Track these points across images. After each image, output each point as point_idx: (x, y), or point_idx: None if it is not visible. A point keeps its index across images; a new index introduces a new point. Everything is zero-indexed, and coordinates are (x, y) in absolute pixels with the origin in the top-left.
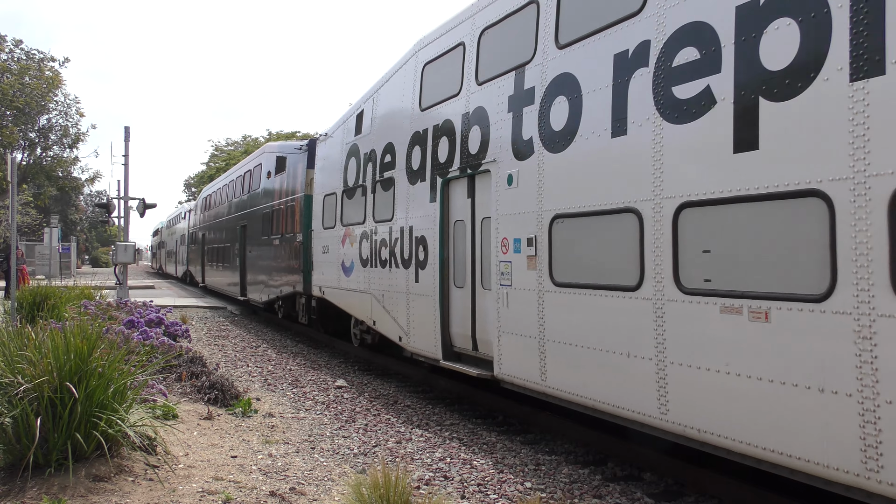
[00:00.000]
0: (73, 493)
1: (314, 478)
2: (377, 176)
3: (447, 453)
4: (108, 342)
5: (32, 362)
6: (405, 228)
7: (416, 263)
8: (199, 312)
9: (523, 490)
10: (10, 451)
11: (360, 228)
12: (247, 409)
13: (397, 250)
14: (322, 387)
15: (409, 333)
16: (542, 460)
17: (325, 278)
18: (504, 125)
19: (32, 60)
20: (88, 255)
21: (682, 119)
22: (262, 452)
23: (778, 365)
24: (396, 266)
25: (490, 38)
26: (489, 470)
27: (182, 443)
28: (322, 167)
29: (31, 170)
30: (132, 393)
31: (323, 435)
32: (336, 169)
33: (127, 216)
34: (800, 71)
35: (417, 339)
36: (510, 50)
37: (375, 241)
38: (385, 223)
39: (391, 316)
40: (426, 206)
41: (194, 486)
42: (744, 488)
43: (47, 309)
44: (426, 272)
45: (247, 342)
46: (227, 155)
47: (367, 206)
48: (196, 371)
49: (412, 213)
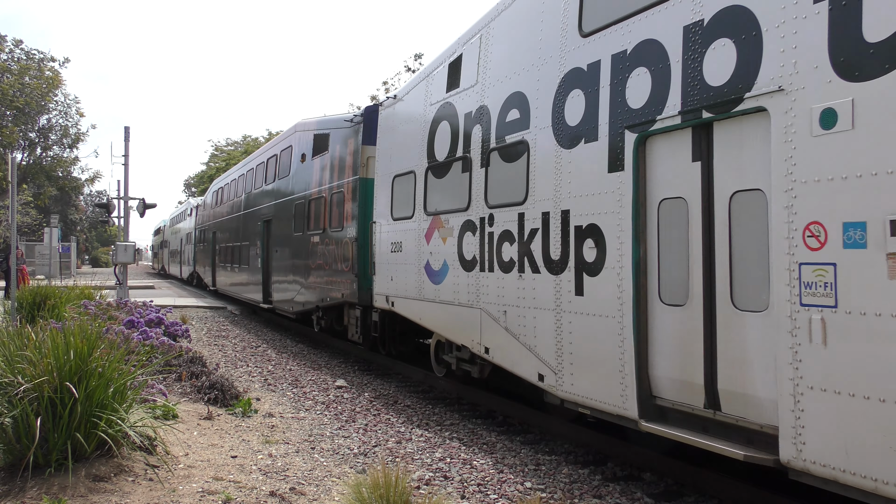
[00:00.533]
0: (74, 493)
1: (314, 478)
2: (492, 142)
3: (447, 453)
4: (108, 342)
5: (32, 362)
6: (553, 214)
7: (576, 266)
8: (199, 312)
9: (523, 490)
10: (10, 451)
11: (459, 217)
12: (247, 409)
13: (536, 247)
14: (322, 387)
15: (562, 371)
16: (542, 460)
17: (396, 285)
18: (805, 27)
19: (32, 60)
20: (88, 255)
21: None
22: (262, 452)
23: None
24: (534, 270)
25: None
26: (489, 470)
27: (182, 443)
28: (388, 141)
29: (31, 170)
30: (132, 393)
31: (323, 435)
32: (414, 140)
33: (127, 216)
34: None
35: (581, 382)
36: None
37: (490, 234)
38: (509, 208)
39: (522, 343)
40: (599, 179)
41: (194, 486)
42: (744, 488)
43: (47, 309)
44: (600, 280)
45: (247, 342)
46: (227, 155)
47: (471, 185)
48: (196, 371)
49: (568, 191)
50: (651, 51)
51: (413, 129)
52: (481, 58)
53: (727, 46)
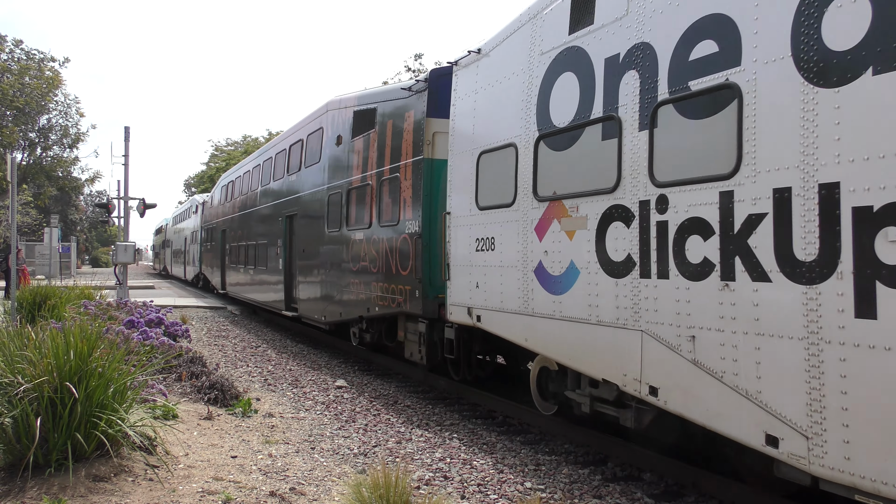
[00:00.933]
0: (74, 493)
1: (314, 478)
2: (663, 92)
3: (447, 453)
4: (108, 342)
5: (32, 362)
6: (801, 190)
7: (858, 272)
8: (199, 312)
9: (523, 490)
10: (10, 451)
11: (599, 202)
12: (247, 410)
13: (762, 241)
14: (322, 387)
15: (822, 436)
16: (542, 460)
17: (484, 295)
18: None
19: (32, 60)
20: (88, 255)
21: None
22: (262, 452)
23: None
24: (758, 277)
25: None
26: (489, 470)
27: (182, 443)
28: (469, 109)
29: (31, 170)
30: (132, 393)
31: (323, 435)
32: (513, 103)
33: (127, 216)
34: None
35: (867, 456)
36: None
37: (661, 223)
38: (702, 186)
39: (732, 387)
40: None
41: (194, 486)
42: (744, 488)
43: (47, 309)
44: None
45: (247, 342)
46: (227, 155)
47: (622, 156)
48: (196, 371)
49: (837, 153)
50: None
51: (511, 90)
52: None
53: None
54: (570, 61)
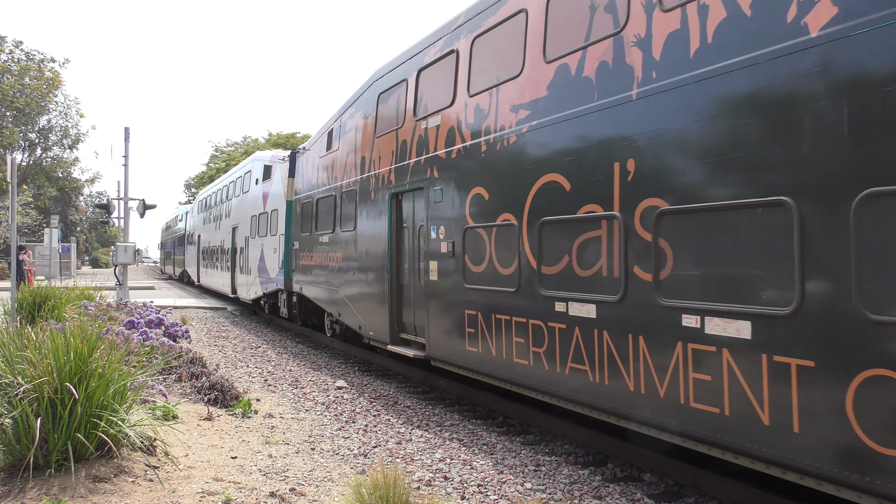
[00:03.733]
0: (74, 493)
1: (314, 478)
2: None
3: (447, 454)
4: (108, 343)
5: (32, 363)
6: None
7: None
8: (200, 313)
9: (523, 491)
10: (11, 452)
11: None
12: (247, 410)
13: None
14: (322, 387)
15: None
16: (542, 461)
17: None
18: None
19: (32, 61)
20: (88, 255)
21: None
22: (262, 453)
23: None
24: None
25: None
26: (489, 471)
27: (182, 443)
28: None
29: (31, 170)
30: (132, 394)
31: (323, 436)
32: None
33: (127, 217)
34: None
35: None
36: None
37: None
38: None
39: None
40: None
41: (194, 487)
42: (744, 489)
43: (47, 310)
44: None
45: (247, 343)
46: (227, 156)
47: None
48: (196, 372)
49: None
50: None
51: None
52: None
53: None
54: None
